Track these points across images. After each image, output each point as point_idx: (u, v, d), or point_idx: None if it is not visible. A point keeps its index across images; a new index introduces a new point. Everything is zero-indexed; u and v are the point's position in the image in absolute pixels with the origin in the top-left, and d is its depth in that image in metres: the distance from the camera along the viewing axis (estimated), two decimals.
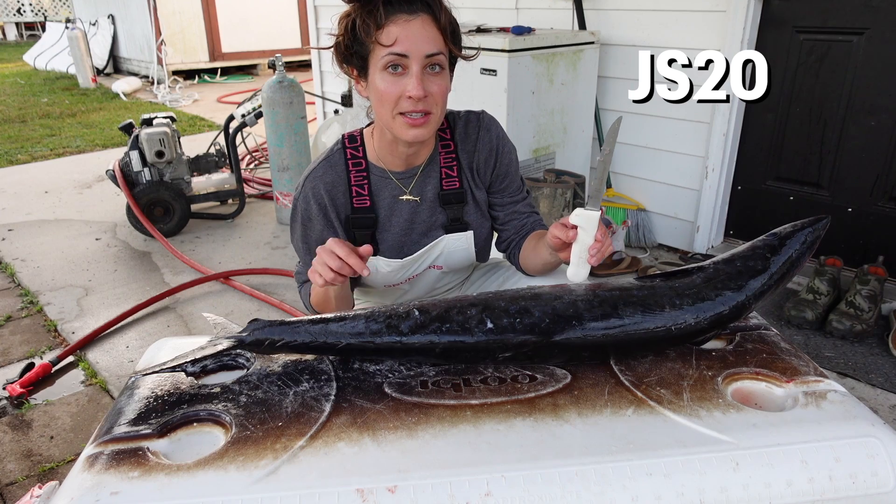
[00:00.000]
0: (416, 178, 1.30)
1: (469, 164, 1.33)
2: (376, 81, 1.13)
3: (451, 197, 1.32)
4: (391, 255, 1.33)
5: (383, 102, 1.14)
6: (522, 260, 1.37)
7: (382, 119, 1.18)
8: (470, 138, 1.32)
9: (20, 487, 1.67)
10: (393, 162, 1.28)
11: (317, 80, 4.71)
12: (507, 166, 1.35)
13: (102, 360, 2.24)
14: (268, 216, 3.66)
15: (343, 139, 1.31)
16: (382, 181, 1.30)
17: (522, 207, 1.38)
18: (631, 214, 3.04)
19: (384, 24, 1.09)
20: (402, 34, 1.09)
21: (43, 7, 14.58)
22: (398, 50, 1.09)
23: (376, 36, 1.09)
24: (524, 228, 1.38)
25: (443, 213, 1.33)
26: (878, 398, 1.94)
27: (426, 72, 1.12)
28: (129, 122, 3.37)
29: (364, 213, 1.29)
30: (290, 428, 0.89)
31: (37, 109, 6.70)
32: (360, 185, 1.29)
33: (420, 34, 1.09)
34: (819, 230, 1.11)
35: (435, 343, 0.98)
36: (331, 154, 1.30)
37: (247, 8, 8.89)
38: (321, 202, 1.27)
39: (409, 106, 1.12)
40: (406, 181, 1.30)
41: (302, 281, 1.37)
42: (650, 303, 1.00)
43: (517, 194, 1.38)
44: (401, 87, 1.11)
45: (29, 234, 3.42)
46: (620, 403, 0.94)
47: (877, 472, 0.85)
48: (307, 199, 1.28)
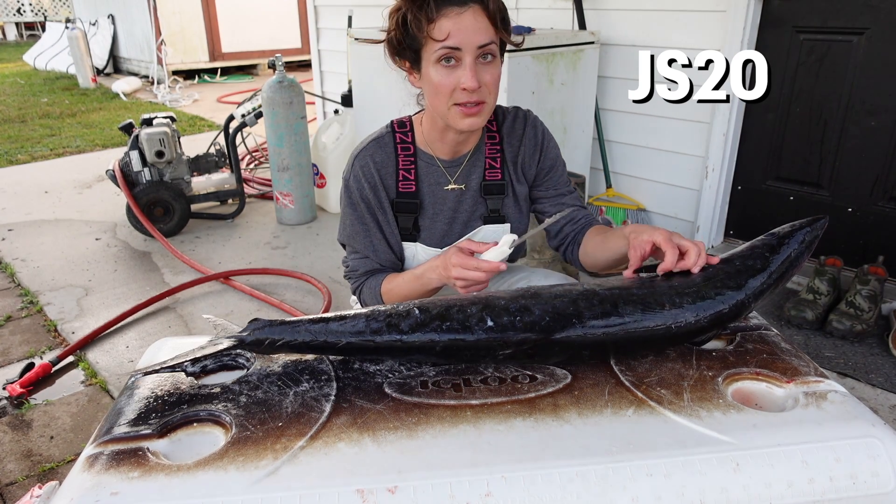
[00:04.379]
0: (462, 167, 1.32)
1: (513, 158, 1.34)
2: (431, 74, 1.15)
3: (493, 188, 1.33)
4: (431, 242, 1.34)
5: (438, 94, 1.16)
6: (584, 255, 1.35)
7: (437, 109, 1.19)
8: (516, 133, 1.33)
9: (20, 487, 1.67)
10: (441, 149, 1.30)
11: (317, 80, 4.71)
12: (552, 160, 1.36)
13: (102, 360, 2.24)
14: (268, 216, 3.66)
15: (392, 124, 1.32)
16: (429, 167, 1.31)
17: (571, 200, 1.39)
18: (631, 214, 3.04)
19: (435, 19, 1.10)
20: (453, 28, 1.09)
21: (43, 7, 14.58)
22: (451, 44, 1.10)
23: (428, 31, 1.10)
24: (578, 223, 1.37)
25: (483, 204, 1.35)
26: (878, 398, 1.94)
27: (479, 62, 1.13)
28: (129, 122, 3.37)
29: (409, 197, 1.30)
30: (290, 428, 0.89)
31: (37, 109, 6.70)
32: (407, 170, 1.29)
33: (471, 26, 1.10)
34: (817, 230, 1.12)
35: (435, 341, 0.98)
36: (380, 136, 1.30)
37: (247, 8, 8.89)
38: (372, 181, 1.27)
39: (464, 97, 1.14)
40: (452, 170, 1.32)
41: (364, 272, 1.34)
42: (650, 301, 1.00)
43: (563, 187, 1.39)
44: (455, 78, 1.13)
45: (29, 234, 3.42)
46: (621, 404, 0.94)
47: (877, 472, 0.85)
48: (358, 178, 1.28)
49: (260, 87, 3.41)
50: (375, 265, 1.34)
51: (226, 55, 8.97)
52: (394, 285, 1.29)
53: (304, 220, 3.51)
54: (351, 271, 1.37)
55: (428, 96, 1.20)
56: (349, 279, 1.39)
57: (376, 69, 2.96)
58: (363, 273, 1.35)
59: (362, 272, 1.35)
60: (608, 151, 3.11)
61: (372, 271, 1.35)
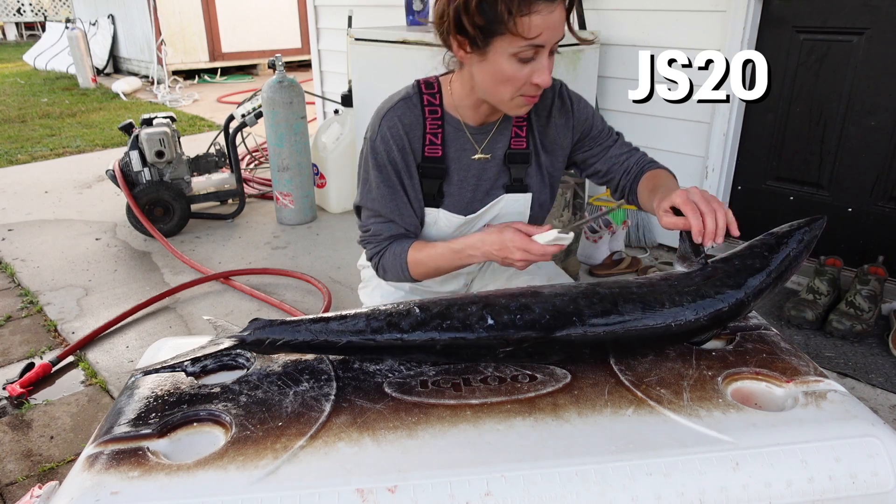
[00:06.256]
0: (490, 135, 1.28)
1: (541, 129, 1.31)
2: (502, 64, 1.10)
3: (518, 157, 1.30)
4: (455, 209, 1.30)
5: (506, 84, 1.12)
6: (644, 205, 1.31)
7: (496, 96, 1.16)
8: (544, 104, 1.30)
9: (20, 487, 1.67)
10: (470, 116, 1.26)
11: (317, 80, 4.71)
12: (585, 120, 1.33)
13: (102, 360, 2.24)
14: (268, 216, 3.66)
15: (418, 84, 1.27)
16: (456, 133, 1.27)
17: (618, 149, 1.35)
18: (631, 214, 3.04)
19: (527, 14, 1.04)
20: (543, 25, 1.05)
21: (43, 7, 14.58)
22: (538, 42, 1.07)
23: (517, 23, 1.04)
24: (630, 171, 1.34)
25: (506, 173, 1.31)
26: (878, 398, 1.94)
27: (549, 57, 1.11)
28: (129, 122, 3.37)
29: (435, 162, 1.26)
30: (290, 428, 0.89)
31: (37, 109, 6.70)
32: (434, 133, 1.25)
33: (557, 24, 1.07)
34: (815, 230, 1.12)
35: (436, 340, 0.98)
36: (407, 95, 1.25)
37: (247, 8, 8.89)
38: (401, 143, 1.22)
39: (533, 91, 1.13)
40: (479, 137, 1.28)
41: (388, 236, 1.29)
42: (650, 299, 1.01)
43: (607, 139, 1.35)
44: (528, 72, 1.10)
45: (29, 234, 3.42)
46: (620, 403, 0.94)
47: (877, 471, 0.85)
48: (386, 139, 1.22)
49: (260, 87, 3.41)
50: (401, 230, 1.29)
51: (226, 55, 8.97)
52: (424, 256, 1.25)
53: (304, 220, 3.52)
54: (372, 236, 1.31)
55: (487, 82, 1.14)
56: (367, 244, 1.33)
57: (376, 69, 2.96)
58: (387, 238, 1.29)
59: (386, 237, 1.29)
60: None
61: (396, 236, 1.30)
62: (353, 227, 3.39)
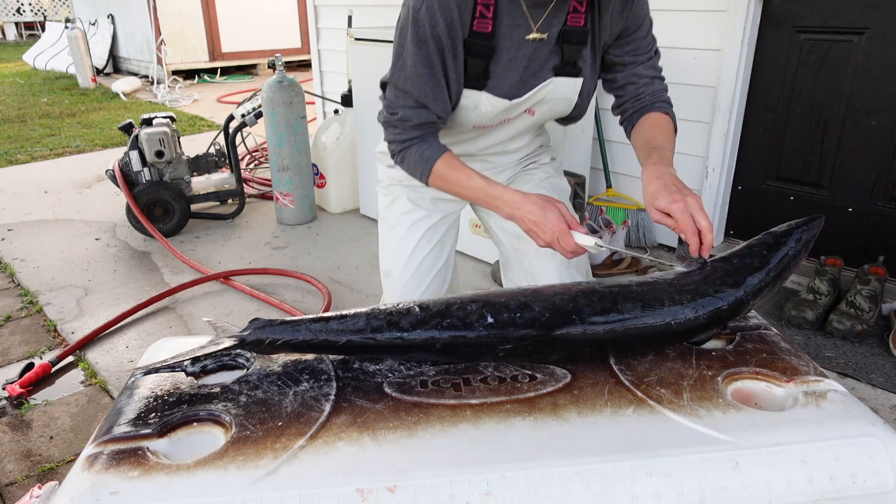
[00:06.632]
0: (548, 11, 1.14)
1: (602, 6, 1.19)
2: None
3: (573, 35, 1.18)
4: (499, 92, 1.19)
5: None
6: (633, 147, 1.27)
7: None
8: None
9: (20, 487, 1.67)
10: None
11: (317, 80, 4.71)
12: (637, 18, 1.22)
13: (102, 360, 2.24)
14: (268, 216, 3.66)
15: None
16: (510, 7, 1.13)
17: (644, 70, 1.27)
18: (631, 214, 3.04)
19: None
20: None
21: (42, 7, 14.58)
22: None
23: None
24: (640, 99, 1.27)
25: (559, 54, 1.20)
26: (878, 398, 1.94)
27: None
28: (128, 122, 3.37)
29: (483, 39, 1.13)
30: (290, 428, 0.89)
31: (36, 109, 6.70)
32: (485, 5, 1.11)
33: None
34: (814, 229, 1.13)
35: (436, 338, 0.99)
36: None
37: (247, 8, 8.89)
38: (449, 17, 1.09)
39: None
40: (536, 11, 1.14)
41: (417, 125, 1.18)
42: (650, 298, 1.01)
43: (641, 54, 1.26)
44: None
45: (29, 234, 3.42)
46: (620, 403, 0.94)
47: (877, 471, 0.85)
48: (433, 11, 1.08)
49: (260, 87, 3.41)
50: (432, 117, 1.18)
51: (226, 55, 8.97)
52: (454, 178, 1.17)
53: (304, 220, 3.51)
54: (399, 120, 1.19)
55: None
56: (391, 127, 1.21)
57: (376, 69, 2.96)
58: (415, 127, 1.18)
59: (414, 124, 1.18)
60: (608, 151, 3.11)
61: (425, 127, 1.19)
62: (353, 228, 3.40)
